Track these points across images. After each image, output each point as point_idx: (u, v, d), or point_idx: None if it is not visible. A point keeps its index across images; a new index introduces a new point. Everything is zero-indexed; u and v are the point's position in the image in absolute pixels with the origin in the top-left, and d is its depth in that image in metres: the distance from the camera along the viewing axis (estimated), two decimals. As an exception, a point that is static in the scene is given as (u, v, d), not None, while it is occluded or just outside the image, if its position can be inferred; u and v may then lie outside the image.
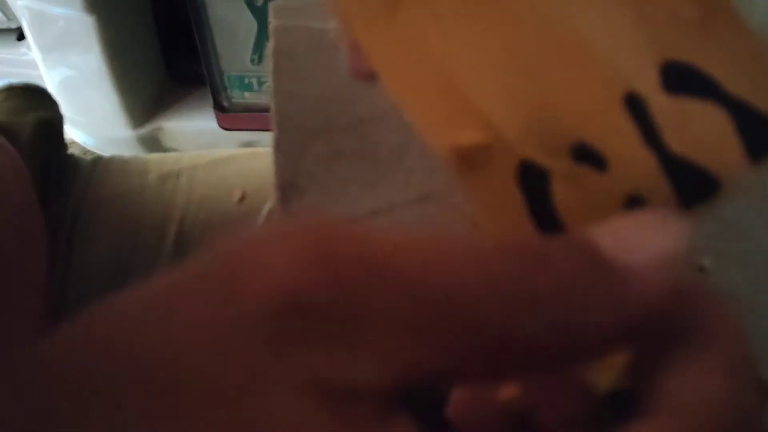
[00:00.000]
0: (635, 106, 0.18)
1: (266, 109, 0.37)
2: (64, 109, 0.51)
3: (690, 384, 0.14)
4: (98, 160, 0.48)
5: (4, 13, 1.05)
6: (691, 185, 0.18)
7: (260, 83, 0.99)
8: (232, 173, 0.47)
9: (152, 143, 1.05)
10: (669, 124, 0.18)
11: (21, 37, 1.07)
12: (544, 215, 0.18)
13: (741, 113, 0.18)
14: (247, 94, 1.01)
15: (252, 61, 0.97)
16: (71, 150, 0.49)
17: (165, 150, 1.05)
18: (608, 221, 0.15)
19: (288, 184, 0.33)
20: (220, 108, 1.02)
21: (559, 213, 0.18)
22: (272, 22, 0.39)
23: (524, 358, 0.13)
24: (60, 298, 0.43)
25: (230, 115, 1.02)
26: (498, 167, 0.18)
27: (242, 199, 0.44)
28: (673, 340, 0.15)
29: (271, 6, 0.40)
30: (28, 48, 0.99)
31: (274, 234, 0.13)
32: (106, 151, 0.54)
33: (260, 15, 0.91)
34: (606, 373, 0.17)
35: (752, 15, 0.18)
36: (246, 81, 0.99)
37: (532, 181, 0.18)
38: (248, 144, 1.01)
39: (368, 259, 0.13)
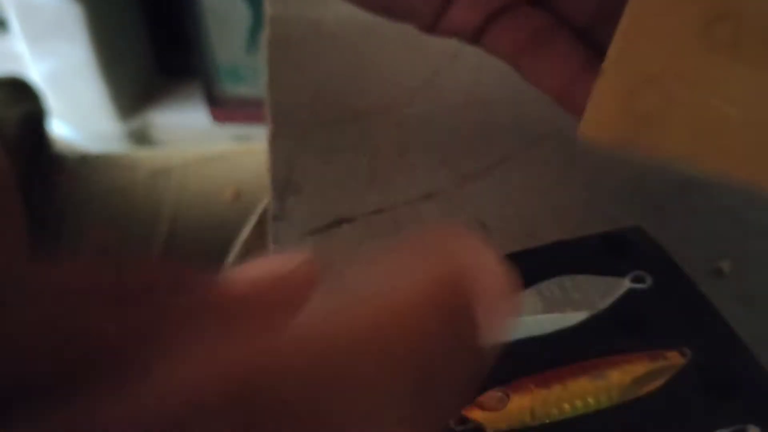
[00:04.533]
0: None
1: (261, 102, 0.36)
2: (51, 101, 0.50)
3: None
4: (85, 157, 0.47)
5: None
6: None
7: (255, 74, 0.98)
8: (225, 170, 0.46)
9: (141, 137, 1.04)
10: None
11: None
12: None
13: None
14: (240, 86, 1.00)
15: (246, 51, 0.96)
16: (58, 147, 0.48)
17: (154, 144, 1.04)
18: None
19: (283, 182, 0.32)
20: (212, 100, 1.01)
21: None
22: (269, 10, 0.38)
23: None
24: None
25: (223, 108, 1.01)
26: None
27: (236, 197, 0.44)
28: None
29: (267, -6, 0.39)
30: (12, 39, 0.98)
31: None
32: (93, 147, 0.53)
33: (255, 3, 0.90)
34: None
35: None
36: (240, 72, 0.98)
37: None
38: (242, 138, 1.00)
39: None
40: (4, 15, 0.98)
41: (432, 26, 0.27)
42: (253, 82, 0.99)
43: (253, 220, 0.35)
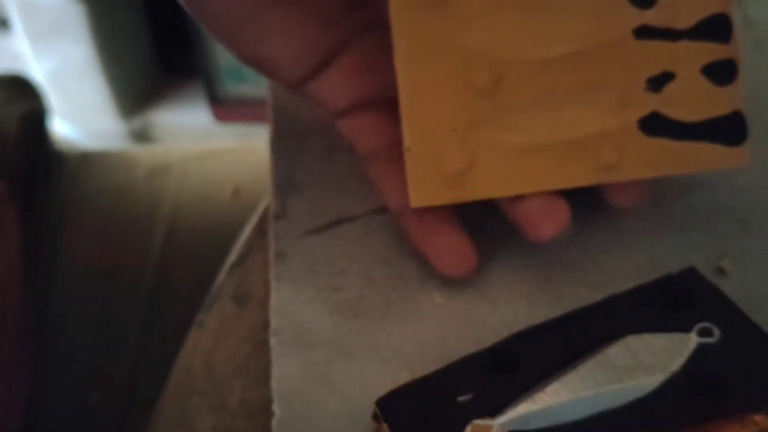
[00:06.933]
0: None
1: (263, 102, 0.36)
2: (53, 100, 0.50)
3: None
4: (85, 155, 0.47)
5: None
6: None
7: (257, 74, 0.98)
8: (224, 167, 0.46)
9: (143, 136, 1.04)
10: None
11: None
12: None
13: None
14: (242, 86, 1.00)
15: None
16: (58, 145, 0.48)
17: (156, 143, 1.04)
18: None
19: (285, 181, 0.32)
20: (214, 100, 1.01)
21: None
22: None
23: None
24: (45, 295, 0.42)
25: (225, 107, 1.01)
26: None
27: (235, 194, 0.44)
28: None
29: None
30: (15, 38, 0.98)
31: None
32: (96, 146, 0.53)
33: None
34: None
35: None
36: (242, 72, 0.98)
37: None
38: (243, 137, 1.00)
39: None
40: (7, 14, 0.98)
41: (296, 88, 0.28)
42: (255, 81, 0.99)
43: (254, 218, 0.35)
